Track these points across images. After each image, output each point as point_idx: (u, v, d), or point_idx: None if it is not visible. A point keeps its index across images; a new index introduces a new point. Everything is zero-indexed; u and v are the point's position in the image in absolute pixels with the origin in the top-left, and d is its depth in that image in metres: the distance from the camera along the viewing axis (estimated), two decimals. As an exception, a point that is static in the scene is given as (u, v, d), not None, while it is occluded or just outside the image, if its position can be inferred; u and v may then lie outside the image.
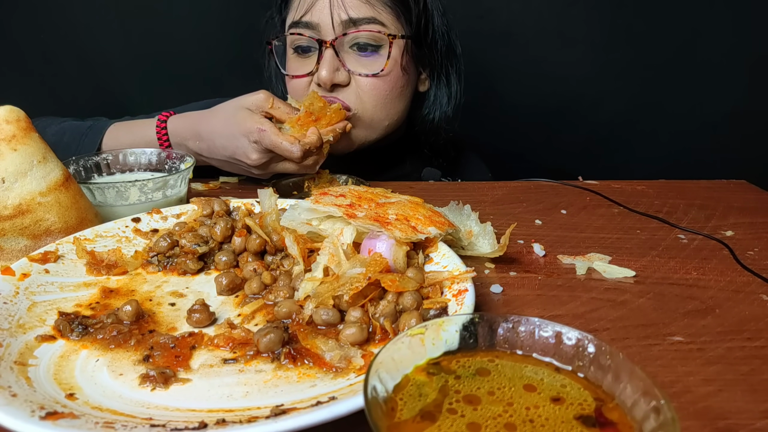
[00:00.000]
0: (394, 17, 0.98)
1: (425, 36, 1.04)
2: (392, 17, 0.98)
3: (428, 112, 1.10)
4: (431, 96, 1.10)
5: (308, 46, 0.99)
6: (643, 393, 0.33)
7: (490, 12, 1.56)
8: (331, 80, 0.95)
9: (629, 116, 1.67)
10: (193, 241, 0.66)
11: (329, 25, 0.95)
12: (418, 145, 1.16)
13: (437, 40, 1.06)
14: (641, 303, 0.63)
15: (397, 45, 0.98)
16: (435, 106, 1.10)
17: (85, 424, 0.39)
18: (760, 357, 0.53)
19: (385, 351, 0.36)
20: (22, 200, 0.63)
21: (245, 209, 0.73)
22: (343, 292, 0.54)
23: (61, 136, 0.98)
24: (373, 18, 0.96)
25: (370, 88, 0.98)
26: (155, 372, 0.46)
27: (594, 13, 1.57)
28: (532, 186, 1.03)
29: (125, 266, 0.64)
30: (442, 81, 1.09)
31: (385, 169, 1.14)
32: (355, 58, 0.98)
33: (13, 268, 0.58)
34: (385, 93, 0.99)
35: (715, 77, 1.60)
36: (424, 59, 1.06)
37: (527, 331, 0.39)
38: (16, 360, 0.47)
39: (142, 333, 0.53)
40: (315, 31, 0.97)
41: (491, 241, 0.71)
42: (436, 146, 1.15)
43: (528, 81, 1.64)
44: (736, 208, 0.93)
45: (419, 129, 1.12)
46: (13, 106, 0.65)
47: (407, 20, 1.00)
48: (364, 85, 0.98)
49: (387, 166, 1.14)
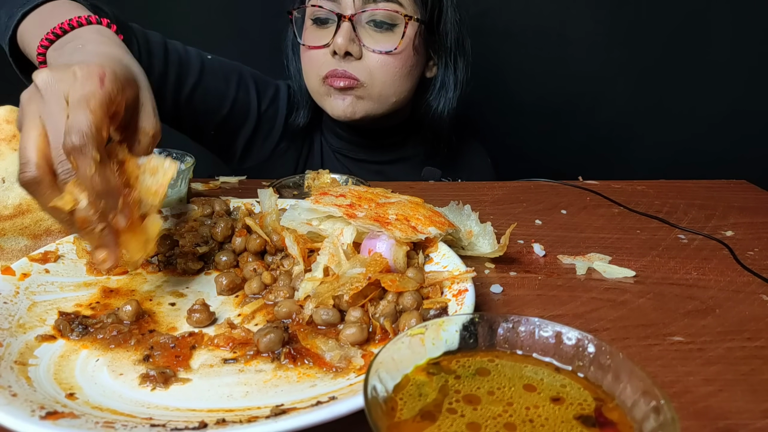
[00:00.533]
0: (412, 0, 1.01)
1: (438, 23, 1.07)
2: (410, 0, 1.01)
3: (433, 98, 1.13)
4: (438, 82, 1.13)
5: (326, 17, 1.01)
6: (643, 393, 0.33)
7: (489, 11, 1.56)
8: (346, 47, 0.98)
9: (629, 116, 1.67)
10: (194, 241, 0.66)
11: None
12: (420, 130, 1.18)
13: (449, 31, 1.09)
14: (641, 303, 0.63)
15: (411, 26, 1.01)
16: (441, 93, 1.12)
17: (85, 423, 0.39)
18: (760, 357, 0.53)
19: (385, 351, 0.36)
20: (22, 200, 0.63)
21: (245, 209, 0.73)
22: (343, 292, 0.54)
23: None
24: None
25: (381, 64, 1.01)
26: (155, 372, 0.46)
27: (594, 13, 1.56)
28: (532, 186, 1.04)
29: (125, 266, 0.64)
30: (450, 68, 1.12)
31: (387, 150, 1.17)
32: (370, 34, 1.01)
33: (13, 268, 0.58)
34: (395, 70, 1.03)
35: (716, 77, 1.60)
36: (434, 45, 1.09)
37: (527, 331, 0.39)
38: (16, 360, 0.47)
39: (142, 333, 0.53)
40: (335, 3, 1.00)
41: (491, 241, 0.71)
42: (439, 134, 1.17)
43: (528, 81, 1.64)
44: (736, 208, 0.93)
45: (423, 113, 1.14)
46: (13, 106, 0.65)
47: (423, 4, 1.03)
48: (375, 61, 1.01)
49: (389, 146, 1.17)
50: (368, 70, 1.01)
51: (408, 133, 1.18)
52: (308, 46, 1.04)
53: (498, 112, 1.64)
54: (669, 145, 1.68)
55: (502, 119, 1.67)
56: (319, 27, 1.03)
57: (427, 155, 1.19)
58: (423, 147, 1.18)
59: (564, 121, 1.67)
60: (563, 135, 1.68)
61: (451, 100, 1.12)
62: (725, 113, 1.63)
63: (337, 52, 0.99)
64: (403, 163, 1.19)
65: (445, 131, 1.15)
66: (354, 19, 0.99)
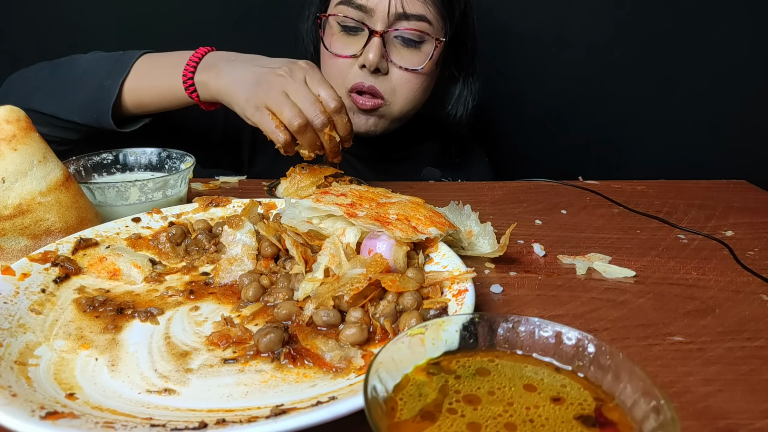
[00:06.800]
0: (440, 17, 1.01)
1: (463, 40, 1.08)
2: (438, 17, 1.00)
3: (452, 108, 1.14)
4: (456, 92, 1.14)
5: (357, 27, 1.00)
6: (643, 393, 0.33)
7: (489, 12, 1.56)
8: (377, 64, 0.98)
9: (629, 116, 1.67)
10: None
11: (384, 13, 0.97)
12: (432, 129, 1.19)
13: (468, 42, 1.10)
14: (641, 303, 0.63)
15: (439, 46, 1.01)
16: (459, 101, 1.14)
17: (85, 424, 0.39)
18: (760, 357, 0.53)
19: (385, 351, 0.36)
20: (23, 200, 0.63)
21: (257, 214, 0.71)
22: (344, 292, 0.54)
23: (95, 61, 0.94)
24: (423, 16, 0.98)
25: (405, 81, 1.01)
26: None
27: (594, 13, 1.56)
28: (532, 186, 1.03)
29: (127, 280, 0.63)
30: (469, 79, 1.13)
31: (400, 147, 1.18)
32: (398, 50, 1.00)
33: (13, 268, 0.58)
34: (417, 87, 1.03)
35: (716, 77, 1.60)
36: (453, 57, 1.10)
37: (527, 331, 0.39)
38: (16, 360, 0.47)
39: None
40: (366, 15, 0.98)
41: (491, 241, 0.71)
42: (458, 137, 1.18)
43: (528, 81, 1.64)
44: (736, 208, 0.93)
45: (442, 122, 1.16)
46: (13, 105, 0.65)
47: (450, 21, 1.03)
48: (400, 78, 1.01)
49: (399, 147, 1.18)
50: (392, 86, 1.01)
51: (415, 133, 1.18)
52: (335, 54, 1.02)
53: (498, 112, 1.64)
54: (669, 145, 1.68)
55: (503, 119, 1.67)
56: (348, 34, 1.01)
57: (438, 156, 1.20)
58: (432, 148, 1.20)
59: (564, 121, 1.67)
60: (563, 135, 1.68)
61: (469, 107, 1.14)
62: (725, 113, 1.63)
63: (368, 67, 0.98)
64: (409, 162, 1.19)
65: (464, 136, 1.18)
66: (384, 35, 0.98)
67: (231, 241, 0.65)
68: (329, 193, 0.67)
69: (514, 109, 1.66)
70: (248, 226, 0.66)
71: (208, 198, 0.77)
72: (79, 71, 0.94)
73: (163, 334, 0.53)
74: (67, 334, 0.52)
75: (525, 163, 1.68)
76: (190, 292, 0.60)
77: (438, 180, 1.14)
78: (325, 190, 0.68)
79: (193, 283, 0.63)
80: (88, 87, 0.91)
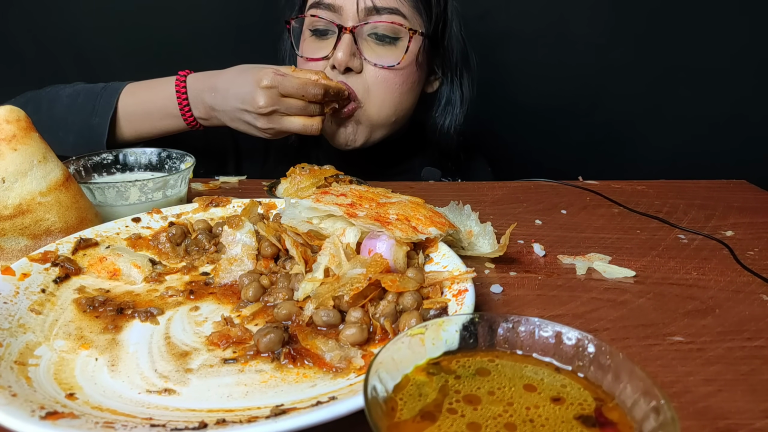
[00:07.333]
0: (416, 12, 0.98)
1: (442, 38, 1.04)
2: (414, 12, 0.97)
3: (439, 115, 1.10)
4: (443, 98, 1.09)
5: (326, 29, 0.97)
6: (643, 393, 0.33)
7: (489, 13, 1.56)
8: (347, 63, 0.94)
9: (629, 116, 1.67)
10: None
11: (353, 9, 0.94)
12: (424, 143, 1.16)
13: (453, 46, 1.06)
14: (641, 303, 0.63)
15: (415, 40, 0.97)
16: (447, 109, 1.09)
17: (85, 424, 0.39)
18: (760, 357, 0.53)
19: (385, 351, 0.36)
20: (23, 200, 0.63)
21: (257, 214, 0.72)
22: (344, 292, 0.54)
23: (75, 98, 0.96)
24: (396, 9, 0.95)
25: (381, 80, 0.97)
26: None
27: (594, 13, 1.57)
28: (532, 186, 1.03)
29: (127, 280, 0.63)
30: (456, 84, 1.09)
31: (390, 164, 1.14)
32: (372, 47, 0.97)
33: (13, 268, 0.58)
34: (396, 87, 0.98)
35: (716, 77, 1.60)
36: (438, 60, 1.06)
37: (527, 331, 0.39)
38: (16, 360, 0.47)
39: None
40: (336, 14, 0.96)
41: (491, 241, 0.71)
42: (447, 151, 1.14)
43: (527, 81, 1.64)
44: (736, 208, 0.93)
45: (429, 131, 1.12)
46: (13, 105, 0.65)
47: (427, 18, 0.99)
48: (375, 77, 0.97)
49: (392, 162, 1.14)
50: (366, 85, 0.97)
51: (410, 148, 1.15)
52: (306, 58, 1.00)
53: (498, 113, 1.64)
54: (669, 145, 1.68)
55: (503, 119, 1.67)
56: (319, 38, 0.99)
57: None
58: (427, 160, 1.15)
59: (564, 121, 1.67)
60: (563, 135, 1.68)
61: (458, 117, 1.09)
62: (725, 113, 1.64)
63: (337, 67, 0.95)
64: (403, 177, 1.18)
65: (453, 148, 1.13)
66: (355, 31, 0.94)
67: (231, 241, 0.65)
68: (329, 193, 0.67)
69: (514, 109, 1.66)
70: (248, 226, 0.66)
71: (208, 198, 0.77)
72: (62, 110, 0.95)
73: (163, 334, 0.53)
74: (67, 334, 0.52)
75: (525, 162, 1.68)
76: (190, 292, 0.60)
77: (438, 180, 1.13)
78: (325, 190, 0.68)
79: (193, 283, 0.63)
80: (76, 126, 0.94)
